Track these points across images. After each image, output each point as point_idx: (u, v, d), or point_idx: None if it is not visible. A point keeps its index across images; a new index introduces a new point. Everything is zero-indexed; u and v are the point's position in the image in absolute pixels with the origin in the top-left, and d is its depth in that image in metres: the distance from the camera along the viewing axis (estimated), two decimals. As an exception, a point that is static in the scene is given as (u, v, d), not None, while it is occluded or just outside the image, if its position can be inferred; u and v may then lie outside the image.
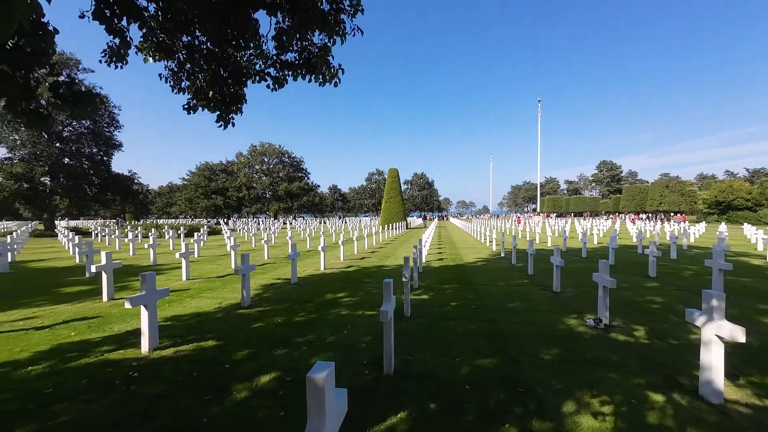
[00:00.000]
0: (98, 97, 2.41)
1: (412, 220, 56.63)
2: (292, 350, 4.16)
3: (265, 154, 76.30)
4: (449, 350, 4.13)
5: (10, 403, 3.00)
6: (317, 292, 7.35)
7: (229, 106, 4.06)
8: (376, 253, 14.67)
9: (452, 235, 26.58)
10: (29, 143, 30.54)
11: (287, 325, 5.12)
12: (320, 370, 1.41)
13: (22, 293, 7.48)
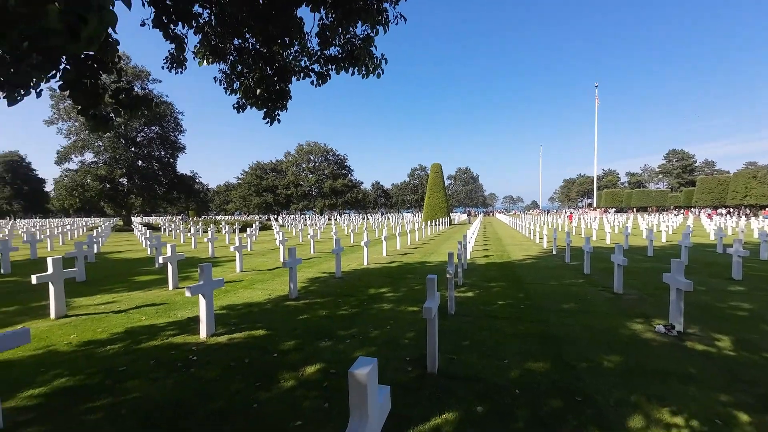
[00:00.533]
0: (154, 101, 2.63)
1: (456, 216, 55.43)
2: (336, 343, 4.22)
3: (311, 153, 79.06)
4: (497, 351, 3.93)
5: (92, 378, 3.38)
6: (360, 286, 7.43)
7: (275, 103, 4.22)
8: (418, 249, 14.54)
9: (498, 232, 25.56)
10: (110, 148, 34.55)
11: (331, 318, 5.22)
12: (363, 365, 1.37)
13: (104, 280, 8.47)
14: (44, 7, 1.10)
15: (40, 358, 3.84)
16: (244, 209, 77.92)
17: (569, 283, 7.51)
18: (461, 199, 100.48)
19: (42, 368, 3.60)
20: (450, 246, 15.66)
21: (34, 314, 5.56)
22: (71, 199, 33.89)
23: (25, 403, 2.94)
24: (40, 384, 3.26)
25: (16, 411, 2.80)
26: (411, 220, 40.11)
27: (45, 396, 3.06)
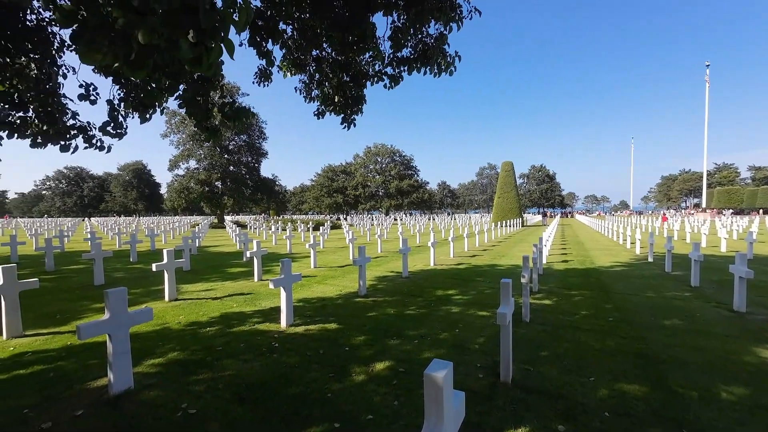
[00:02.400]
0: (251, 111, 2.98)
1: (529, 217, 51.76)
2: (405, 342, 4.25)
3: (378, 155, 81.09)
4: (581, 367, 3.57)
5: (197, 354, 3.91)
6: (427, 287, 7.38)
7: (351, 107, 4.43)
8: (488, 252, 13.92)
9: (579, 234, 23.21)
10: (208, 156, 39.79)
11: (399, 317, 5.27)
12: (438, 368, 1.35)
13: (204, 270, 9.77)
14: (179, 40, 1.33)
15: (158, 334, 4.58)
16: (317, 209, 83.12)
17: (672, 296, 6.48)
18: (535, 199, 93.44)
19: (159, 342, 4.29)
20: (522, 249, 14.69)
21: (153, 296, 6.65)
22: (179, 200, 39.91)
23: (147, 369, 3.53)
24: (158, 355, 3.88)
25: (142, 375, 3.37)
26: (479, 221, 38.61)
27: (162, 365, 3.64)
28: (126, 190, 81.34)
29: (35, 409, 2.82)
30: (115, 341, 2.96)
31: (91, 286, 7.58)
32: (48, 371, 3.53)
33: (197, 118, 2.78)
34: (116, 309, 2.97)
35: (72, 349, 4.11)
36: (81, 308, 5.93)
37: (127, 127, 3.09)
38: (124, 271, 9.74)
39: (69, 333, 4.63)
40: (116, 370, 2.98)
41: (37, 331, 4.70)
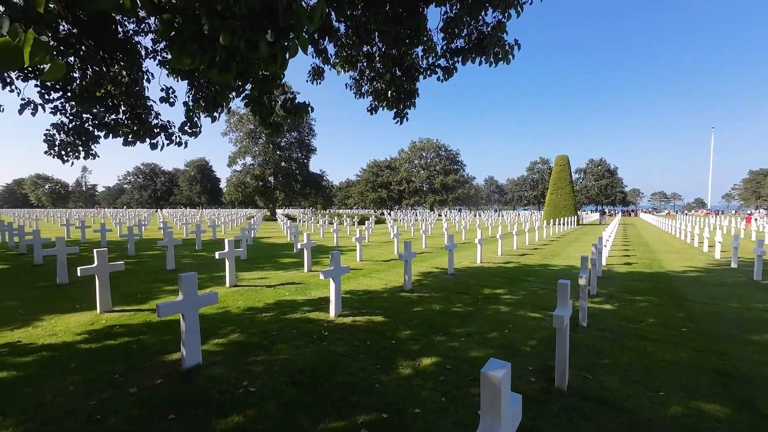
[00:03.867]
0: (309, 106, 3.12)
1: (585, 215, 48.12)
2: (451, 339, 4.20)
3: (423, 150, 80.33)
4: (647, 379, 3.27)
5: (254, 337, 4.21)
6: (474, 285, 7.20)
7: (404, 102, 4.43)
8: (539, 251, 13.21)
9: (644, 235, 21.12)
10: (262, 153, 42.21)
11: (445, 314, 5.21)
12: (496, 368, 1.32)
13: (258, 260, 10.43)
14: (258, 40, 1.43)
15: (220, 316, 4.99)
16: (361, 204, 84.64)
17: (763, 308, 5.67)
18: (592, 195, 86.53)
19: (222, 323, 4.68)
20: (577, 249, 13.72)
21: (216, 282, 7.25)
22: (236, 194, 42.94)
23: (213, 348, 3.87)
24: (221, 336, 4.24)
25: (208, 353, 3.71)
26: (528, 218, 36.70)
27: (224, 345, 3.97)
28: (191, 185, 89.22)
29: (123, 375, 3.23)
30: (187, 320, 3.28)
31: (164, 270, 8.46)
32: (132, 343, 4.01)
33: (261, 115, 2.99)
34: (188, 292, 3.28)
35: (150, 324, 4.63)
36: (156, 289, 6.64)
37: (201, 126, 3.43)
38: (191, 257, 10.72)
39: (148, 311, 5.22)
40: (188, 347, 3.30)
41: (123, 308, 5.36)
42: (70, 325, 4.60)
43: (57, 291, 6.44)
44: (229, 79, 1.61)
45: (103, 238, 13.34)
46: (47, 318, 4.87)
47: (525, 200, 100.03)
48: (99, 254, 5.11)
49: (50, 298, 5.97)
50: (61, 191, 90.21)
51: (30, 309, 5.30)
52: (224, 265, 7.00)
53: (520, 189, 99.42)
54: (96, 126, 4.60)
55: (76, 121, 4.69)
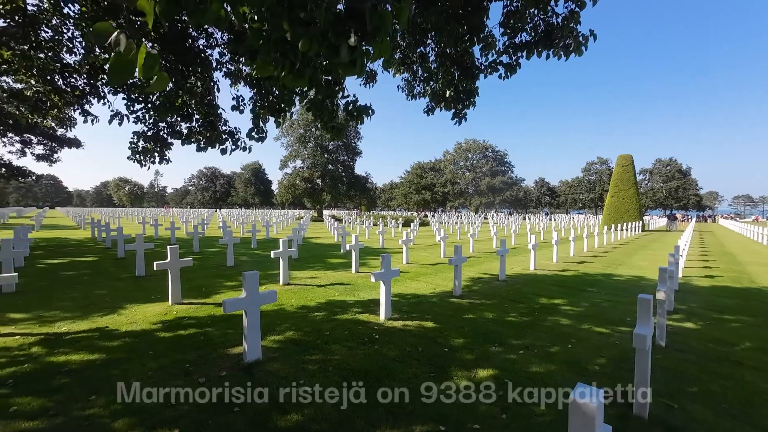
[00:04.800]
0: (370, 108, 3.15)
1: (652, 220, 43.58)
2: (508, 351, 3.97)
3: (469, 151, 78.35)
4: (749, 413, 2.81)
5: (309, 336, 4.32)
6: (528, 293, 6.80)
7: (463, 102, 4.31)
8: (599, 259, 12.18)
9: (725, 243, 18.61)
10: (311, 156, 43.92)
11: (499, 323, 4.96)
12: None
13: (308, 259, 10.79)
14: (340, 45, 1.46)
15: (276, 314, 5.20)
16: (405, 206, 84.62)
17: None
18: (659, 198, 78.16)
19: (277, 321, 4.87)
20: (644, 257, 12.43)
21: (270, 279, 7.61)
22: (287, 195, 45.14)
23: (270, 344, 4.03)
24: (277, 333, 4.41)
25: (267, 349, 3.86)
26: (583, 222, 34.09)
27: (281, 342, 4.12)
28: (246, 186, 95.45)
29: (193, 364, 3.47)
30: (249, 317, 3.44)
31: (224, 267, 9.07)
32: (199, 335, 4.32)
33: (323, 119, 3.08)
34: (251, 289, 3.45)
35: (214, 318, 4.96)
36: (218, 284, 7.13)
37: (267, 131, 3.63)
38: (247, 255, 11.40)
39: (212, 304, 5.61)
40: (249, 343, 3.47)
41: (191, 300, 5.81)
42: (147, 314, 5.07)
43: (136, 282, 7.17)
44: (303, 85, 1.64)
45: (173, 235, 14.69)
46: (129, 307, 5.43)
47: (580, 203, 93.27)
48: (172, 251, 5.59)
49: (131, 288, 6.66)
50: (138, 192, 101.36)
51: (115, 298, 5.95)
52: (278, 264, 7.33)
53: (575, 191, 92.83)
54: (170, 134, 5.06)
55: (154, 129, 5.20)
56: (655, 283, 8.02)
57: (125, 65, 1.15)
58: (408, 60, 4.51)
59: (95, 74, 4.63)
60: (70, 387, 3.01)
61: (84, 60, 4.70)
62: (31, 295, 6.09)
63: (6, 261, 6.45)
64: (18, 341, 4.04)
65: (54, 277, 7.64)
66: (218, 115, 4.14)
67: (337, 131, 3.31)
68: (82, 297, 6.00)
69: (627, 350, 4.06)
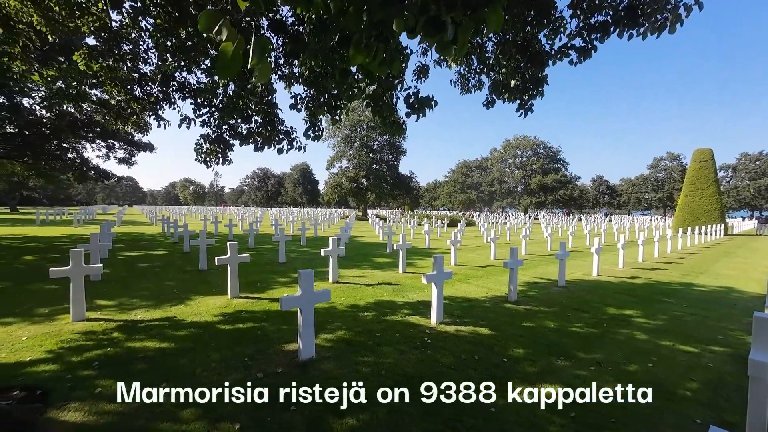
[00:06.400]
0: (432, 100, 3.02)
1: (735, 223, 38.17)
2: (576, 366, 3.60)
3: (518, 147, 74.70)
4: None
5: (360, 336, 4.28)
6: (592, 301, 6.20)
7: (530, 92, 3.98)
8: (674, 265, 10.85)
9: (842, 253, 15.64)
10: (356, 156, 44.69)
11: (562, 333, 4.55)
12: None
13: (355, 258, 10.90)
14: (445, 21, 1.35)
15: (327, 312, 5.25)
16: (449, 205, 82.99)
17: None
18: (746, 198, 68.30)
19: (329, 319, 4.91)
20: (730, 265, 10.84)
21: (319, 277, 7.75)
22: (333, 194, 46.39)
23: (323, 343, 4.05)
24: (329, 331, 4.42)
25: (320, 347, 3.88)
26: (649, 224, 30.80)
27: (333, 341, 4.12)
28: (295, 186, 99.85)
29: (251, 358, 3.58)
30: (304, 314, 3.47)
31: (276, 263, 9.45)
32: (256, 329, 4.47)
33: (382, 114, 3.00)
34: (306, 287, 3.47)
35: (269, 313, 5.12)
36: (271, 280, 7.41)
37: (323, 129, 3.66)
38: (297, 252, 11.81)
39: (266, 299, 5.82)
40: (304, 340, 3.49)
41: (247, 294, 6.09)
42: (209, 306, 5.39)
43: (199, 276, 7.71)
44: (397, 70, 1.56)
45: (231, 232, 15.70)
46: (194, 298, 5.82)
47: (644, 203, 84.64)
48: (231, 247, 5.89)
49: (195, 281, 7.16)
50: (200, 192, 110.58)
51: (182, 289, 6.42)
52: (327, 262, 7.45)
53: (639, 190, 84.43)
54: (231, 135, 5.33)
55: (218, 132, 5.50)
56: (750, 297, 6.94)
57: (233, 58, 1.13)
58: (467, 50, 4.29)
59: (167, 81, 5.02)
60: (146, 373, 3.24)
61: (157, 69, 5.10)
62: (113, 284, 6.79)
63: (93, 252, 7.25)
64: (103, 326, 4.48)
65: (132, 268, 8.47)
66: (276, 115, 4.27)
67: (398, 126, 3.22)
68: (155, 287, 6.56)
69: (723, 374, 3.50)
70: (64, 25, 4.55)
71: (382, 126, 3.21)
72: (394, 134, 3.19)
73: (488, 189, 76.13)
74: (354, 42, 1.47)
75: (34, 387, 2.89)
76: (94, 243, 7.20)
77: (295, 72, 4.87)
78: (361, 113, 42.13)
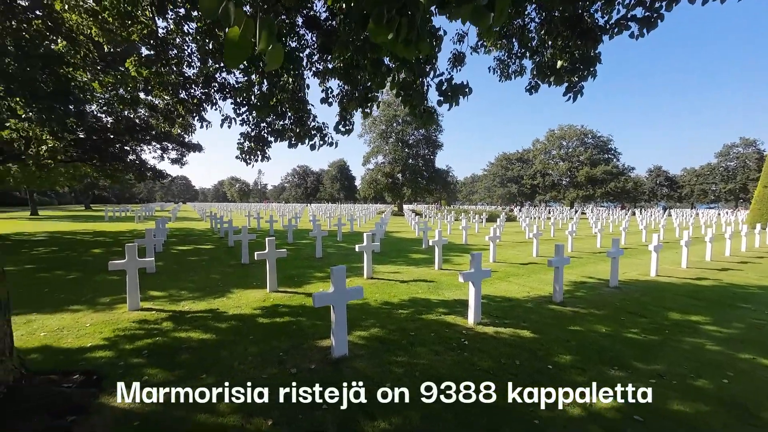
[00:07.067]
0: (467, 87, 2.82)
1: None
2: (633, 377, 3.24)
3: (563, 138, 70.36)
4: None
5: (393, 334, 4.19)
6: (651, 305, 5.61)
7: (581, 72, 3.60)
8: (750, 265, 9.58)
9: None
10: (392, 151, 44.59)
11: (617, 340, 4.14)
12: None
13: (390, 253, 10.83)
14: None
15: (361, 308, 5.21)
16: (488, 199, 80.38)
17: None
18: (843, 188, 58.83)
19: (362, 315, 4.87)
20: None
21: (354, 273, 7.78)
22: (369, 190, 46.76)
23: (356, 340, 4.01)
24: (362, 328, 4.38)
25: (353, 345, 3.84)
26: (717, 219, 27.58)
27: (366, 339, 4.06)
28: (332, 182, 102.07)
29: (286, 353, 3.62)
30: (336, 312, 3.43)
31: (313, 258, 9.64)
32: (292, 323, 4.54)
33: (413, 103, 2.86)
34: (338, 284, 3.43)
35: (305, 308, 5.19)
36: (308, 275, 7.55)
37: (353, 123, 3.61)
38: (334, 248, 11.98)
39: (303, 294, 5.92)
40: (336, 338, 3.46)
41: (285, 289, 6.24)
42: (249, 299, 5.58)
43: (242, 269, 8.05)
44: (426, 51, 1.43)
45: (271, 227, 16.33)
46: (235, 291, 6.06)
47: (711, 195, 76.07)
48: (269, 243, 6.05)
49: (238, 274, 7.48)
50: (245, 189, 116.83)
51: (225, 282, 6.73)
52: (362, 258, 7.43)
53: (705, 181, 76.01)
54: (269, 133, 5.44)
55: (256, 130, 5.65)
56: None
57: (241, 42, 1.07)
58: (507, 32, 3.96)
59: (209, 83, 5.23)
60: (189, 363, 3.39)
61: (200, 71, 5.33)
62: (165, 275, 7.29)
63: (149, 246, 7.83)
64: (154, 316, 4.78)
65: (182, 262, 9.06)
66: (307, 111, 4.28)
67: (429, 116, 3.05)
68: (201, 280, 6.94)
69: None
70: (117, 35, 4.86)
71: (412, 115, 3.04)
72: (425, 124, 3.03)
73: (530, 182, 72.60)
74: (374, 17, 1.35)
75: (92, 372, 3.13)
76: (149, 238, 7.76)
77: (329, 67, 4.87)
78: (396, 107, 41.88)
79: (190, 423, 2.53)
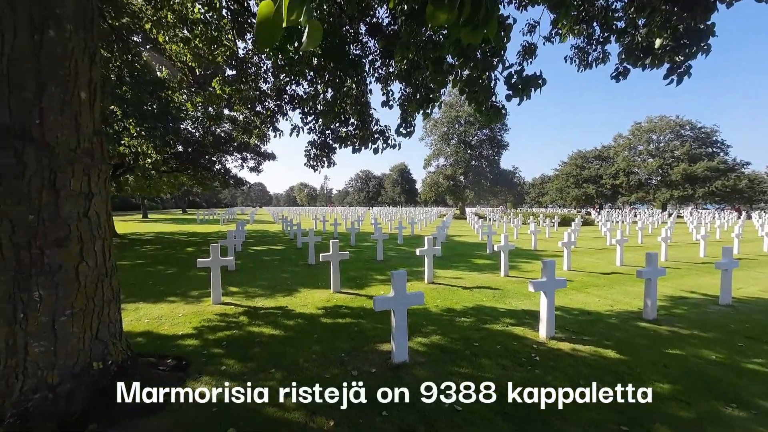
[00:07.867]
0: (541, 78, 2.59)
1: None
2: (755, 420, 2.63)
3: (653, 131, 61.81)
4: None
5: (456, 343, 4.01)
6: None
7: (687, 50, 3.07)
8: None
9: None
10: (454, 153, 43.66)
11: (730, 369, 3.43)
12: None
13: (452, 258, 10.52)
14: None
15: (421, 314, 5.10)
16: (560, 201, 74.02)
17: None
18: None
19: (423, 321, 4.76)
20: None
21: (415, 277, 7.69)
22: (430, 193, 46.36)
23: (417, 347, 3.92)
24: (423, 335, 4.27)
25: (413, 351, 3.76)
26: None
27: (427, 346, 3.95)
28: (393, 186, 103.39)
29: (347, 354, 3.68)
30: (396, 316, 3.39)
31: (374, 260, 9.78)
32: (353, 325, 4.62)
33: (479, 99, 2.72)
34: (399, 288, 3.39)
35: (365, 310, 5.26)
36: (369, 277, 7.67)
37: (415, 125, 3.58)
38: (395, 251, 12.04)
39: (364, 296, 6.01)
40: (397, 343, 3.42)
41: (347, 290, 6.40)
42: (314, 299, 5.83)
43: (308, 270, 8.49)
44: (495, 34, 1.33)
45: (335, 230, 17.04)
46: (302, 290, 6.40)
47: None
48: (333, 245, 6.28)
49: (305, 274, 7.91)
50: (313, 194, 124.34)
51: (293, 281, 7.15)
52: (423, 262, 7.32)
53: None
54: (334, 139, 5.67)
55: (322, 137, 5.93)
56: None
57: (273, 22, 1.07)
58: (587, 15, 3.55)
59: (280, 95, 5.65)
60: (259, 357, 3.63)
61: (273, 85, 5.78)
62: (243, 273, 8.00)
63: (230, 246, 8.68)
64: (233, 310, 5.26)
65: (257, 261, 9.89)
66: (370, 115, 4.37)
67: (497, 112, 2.86)
68: (273, 278, 7.47)
69: None
70: (205, 58, 5.49)
71: (477, 113, 2.88)
72: (492, 122, 2.83)
73: (611, 182, 65.08)
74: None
75: (182, 358, 3.52)
76: (230, 238, 8.62)
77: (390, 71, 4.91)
78: (458, 108, 40.92)
79: (259, 415, 2.69)
